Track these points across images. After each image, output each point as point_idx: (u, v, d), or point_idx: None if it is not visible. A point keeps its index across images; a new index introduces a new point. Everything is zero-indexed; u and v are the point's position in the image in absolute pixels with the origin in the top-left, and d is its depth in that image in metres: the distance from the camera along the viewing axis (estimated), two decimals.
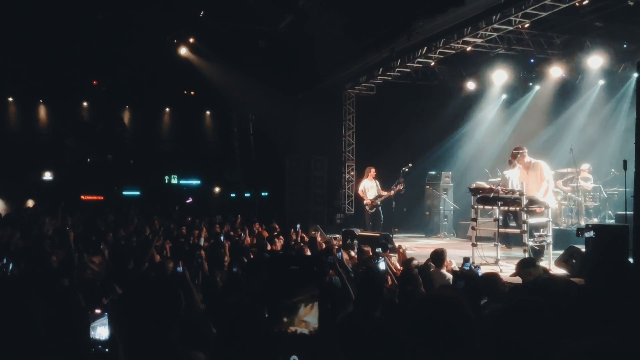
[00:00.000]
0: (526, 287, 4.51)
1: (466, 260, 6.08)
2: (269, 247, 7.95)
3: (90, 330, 2.20)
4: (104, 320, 2.20)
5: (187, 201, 18.59)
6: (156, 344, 2.16)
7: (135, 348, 2.25)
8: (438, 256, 6.35)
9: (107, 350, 2.17)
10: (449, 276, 5.84)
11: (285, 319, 2.84)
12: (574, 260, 7.25)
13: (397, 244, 8.96)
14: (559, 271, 7.34)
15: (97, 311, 2.19)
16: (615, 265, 2.99)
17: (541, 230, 8.26)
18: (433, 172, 14.19)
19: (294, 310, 2.87)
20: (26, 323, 3.25)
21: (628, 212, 8.32)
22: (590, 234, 7.38)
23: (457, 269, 6.52)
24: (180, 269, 4.00)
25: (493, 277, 4.62)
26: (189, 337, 2.83)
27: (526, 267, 4.97)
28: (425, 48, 12.59)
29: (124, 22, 13.37)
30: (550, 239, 8.16)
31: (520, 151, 8.91)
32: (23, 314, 3.42)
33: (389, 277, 5.56)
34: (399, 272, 5.61)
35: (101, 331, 2.18)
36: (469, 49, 12.29)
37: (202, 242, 7.75)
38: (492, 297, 4.20)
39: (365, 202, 12.48)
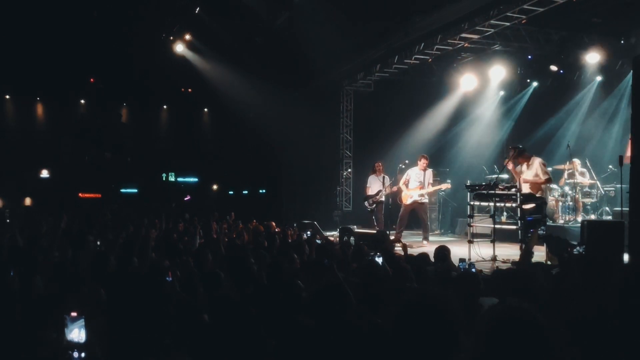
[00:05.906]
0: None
1: (462, 260, 6.06)
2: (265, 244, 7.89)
3: (66, 333, 2.17)
4: (81, 322, 2.16)
5: (185, 199, 18.57)
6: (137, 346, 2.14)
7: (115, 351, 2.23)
8: (441, 253, 6.31)
9: (83, 354, 2.14)
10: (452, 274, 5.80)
11: None
12: (565, 255, 7.21)
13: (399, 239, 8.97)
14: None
15: (74, 313, 2.16)
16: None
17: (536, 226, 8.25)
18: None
19: None
20: (11, 323, 3.23)
21: (624, 209, 8.32)
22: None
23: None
24: (169, 278, 3.96)
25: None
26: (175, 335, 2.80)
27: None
28: (423, 44, 12.56)
29: (120, 19, 13.31)
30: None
31: (519, 147, 8.92)
32: (11, 315, 3.39)
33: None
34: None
35: (78, 334, 2.15)
36: (466, 45, 12.25)
37: (197, 241, 7.70)
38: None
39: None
